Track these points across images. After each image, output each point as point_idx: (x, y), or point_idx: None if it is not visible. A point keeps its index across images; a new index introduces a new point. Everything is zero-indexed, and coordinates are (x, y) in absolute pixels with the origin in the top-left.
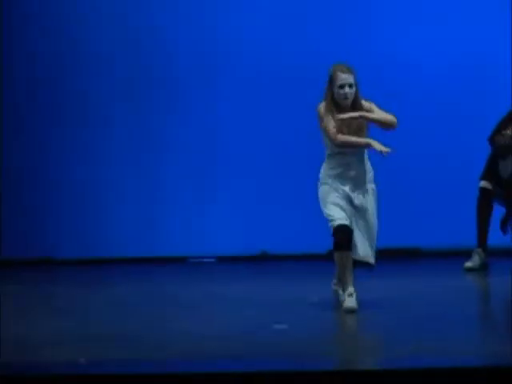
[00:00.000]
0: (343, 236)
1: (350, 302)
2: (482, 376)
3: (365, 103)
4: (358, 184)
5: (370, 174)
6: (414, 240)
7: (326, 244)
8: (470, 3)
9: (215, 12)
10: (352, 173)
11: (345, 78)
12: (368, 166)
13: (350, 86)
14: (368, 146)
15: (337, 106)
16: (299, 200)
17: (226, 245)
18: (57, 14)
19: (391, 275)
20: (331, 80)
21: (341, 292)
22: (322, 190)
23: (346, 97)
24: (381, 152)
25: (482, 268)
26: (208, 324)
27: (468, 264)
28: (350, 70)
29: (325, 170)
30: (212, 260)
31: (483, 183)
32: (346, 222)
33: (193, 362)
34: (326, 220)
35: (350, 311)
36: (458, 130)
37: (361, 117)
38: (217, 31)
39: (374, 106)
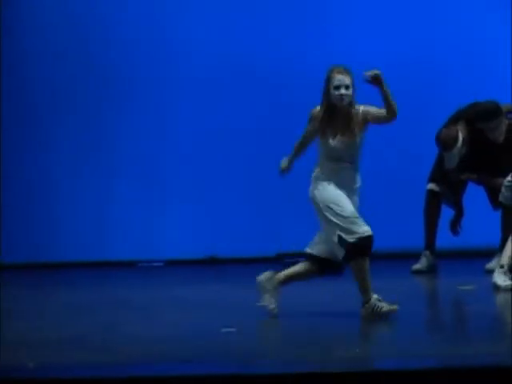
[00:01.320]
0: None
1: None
2: (432, 377)
3: (361, 108)
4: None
5: (358, 184)
6: None
7: (274, 247)
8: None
9: (165, 9)
10: (344, 181)
11: (341, 78)
12: (358, 176)
13: (347, 87)
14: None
15: (332, 109)
16: (248, 203)
17: (174, 249)
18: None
19: (338, 278)
20: (327, 81)
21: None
22: (323, 186)
23: (341, 98)
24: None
25: (430, 270)
26: (157, 327)
27: (416, 266)
28: (347, 72)
29: (318, 174)
30: (161, 264)
31: (431, 185)
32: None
33: (142, 365)
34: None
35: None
36: (404, 130)
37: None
38: (166, 30)
39: (368, 107)
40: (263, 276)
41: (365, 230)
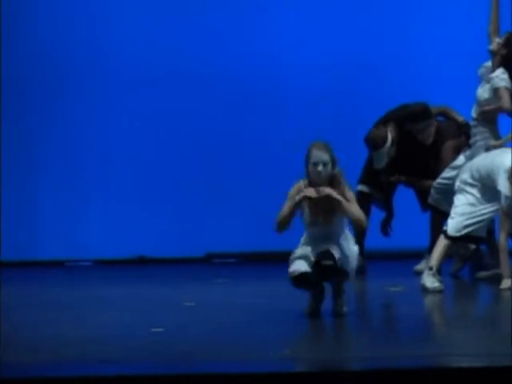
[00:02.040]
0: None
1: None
2: (360, 379)
3: (343, 187)
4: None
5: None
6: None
7: (203, 247)
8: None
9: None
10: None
11: (318, 155)
12: (344, 238)
13: (324, 164)
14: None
15: (313, 185)
16: (177, 203)
17: (103, 248)
18: None
19: (262, 279)
20: (307, 156)
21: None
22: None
23: (318, 175)
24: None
25: (359, 271)
26: (85, 327)
27: None
28: (325, 148)
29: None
30: (89, 263)
31: (361, 187)
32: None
33: (70, 365)
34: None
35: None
36: (335, 131)
37: (327, 195)
38: (97, 29)
39: (349, 194)
40: None
41: (294, 270)
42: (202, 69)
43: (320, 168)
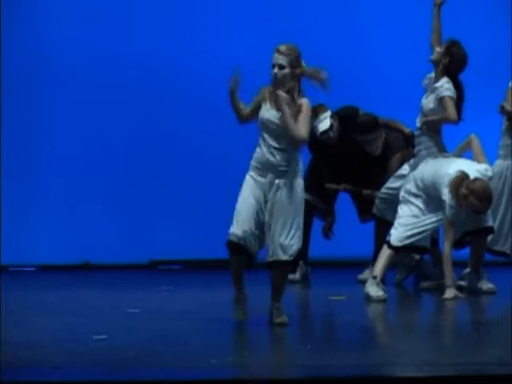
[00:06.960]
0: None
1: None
2: None
3: (301, 100)
4: (279, 175)
5: (294, 166)
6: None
7: (147, 254)
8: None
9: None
10: (273, 160)
11: (275, 57)
12: (293, 158)
13: (280, 66)
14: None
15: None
16: (122, 209)
17: (47, 253)
18: None
19: (206, 286)
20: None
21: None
22: (244, 181)
23: (274, 77)
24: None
25: (303, 280)
26: (27, 332)
27: (289, 276)
28: (286, 51)
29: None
30: (33, 269)
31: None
32: (239, 240)
33: (11, 370)
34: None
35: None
36: None
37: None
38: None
39: (304, 108)
40: None
41: (231, 231)
42: (136, 69)
43: (275, 70)
